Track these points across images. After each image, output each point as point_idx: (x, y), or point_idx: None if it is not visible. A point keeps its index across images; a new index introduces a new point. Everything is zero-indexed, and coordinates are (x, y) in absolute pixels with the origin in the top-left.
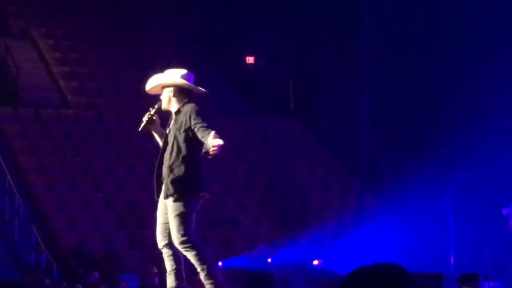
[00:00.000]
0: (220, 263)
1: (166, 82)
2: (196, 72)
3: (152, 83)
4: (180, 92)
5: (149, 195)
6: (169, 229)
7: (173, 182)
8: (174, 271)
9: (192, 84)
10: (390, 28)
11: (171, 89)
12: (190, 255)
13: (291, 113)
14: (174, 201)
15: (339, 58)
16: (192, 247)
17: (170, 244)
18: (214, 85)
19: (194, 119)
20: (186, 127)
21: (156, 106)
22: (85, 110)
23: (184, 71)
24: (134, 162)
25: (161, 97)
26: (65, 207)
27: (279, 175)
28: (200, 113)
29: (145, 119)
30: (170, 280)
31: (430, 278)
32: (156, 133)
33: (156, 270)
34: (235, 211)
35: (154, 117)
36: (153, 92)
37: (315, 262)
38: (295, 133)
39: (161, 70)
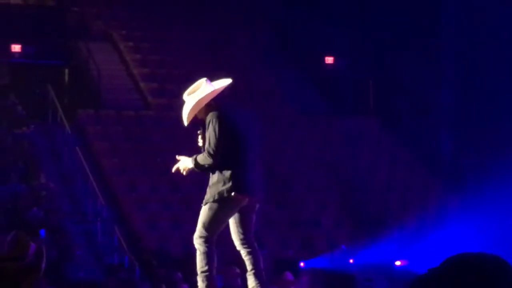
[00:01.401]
0: (302, 264)
1: (207, 100)
2: (275, 73)
3: (194, 110)
4: (212, 101)
5: None
6: (240, 229)
7: (209, 187)
8: (253, 271)
9: (220, 87)
10: (473, 25)
11: (209, 103)
12: (198, 253)
13: (371, 113)
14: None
15: (420, 57)
16: (203, 248)
17: (245, 244)
18: (294, 86)
19: (207, 134)
20: None
21: (201, 128)
22: (165, 111)
23: (203, 81)
24: None
25: (199, 116)
26: (146, 208)
27: (359, 174)
28: (217, 122)
29: (201, 144)
30: (251, 281)
31: None
32: None
33: (238, 271)
34: (316, 211)
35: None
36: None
37: (398, 263)
38: (375, 133)
39: (240, 72)
